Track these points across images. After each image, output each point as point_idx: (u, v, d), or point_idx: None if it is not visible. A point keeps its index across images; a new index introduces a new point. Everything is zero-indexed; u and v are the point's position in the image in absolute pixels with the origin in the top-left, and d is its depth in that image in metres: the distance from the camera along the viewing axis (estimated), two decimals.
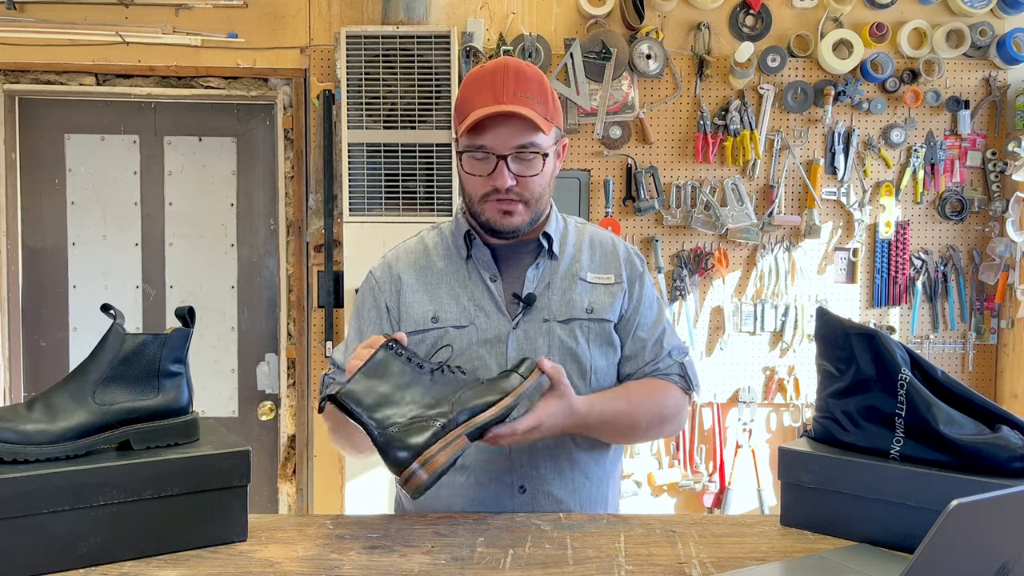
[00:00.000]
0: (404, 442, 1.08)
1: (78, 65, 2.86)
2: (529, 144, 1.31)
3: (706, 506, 2.95)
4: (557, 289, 1.40)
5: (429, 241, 1.48)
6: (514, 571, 1.02)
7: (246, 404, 3.08)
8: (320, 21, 2.85)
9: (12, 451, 1.00)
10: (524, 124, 1.30)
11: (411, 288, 1.41)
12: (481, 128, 1.30)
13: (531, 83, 1.32)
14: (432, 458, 1.07)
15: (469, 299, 1.39)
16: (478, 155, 1.32)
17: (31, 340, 3.03)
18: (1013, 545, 0.75)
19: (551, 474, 1.36)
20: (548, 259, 1.42)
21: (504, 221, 1.35)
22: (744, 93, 2.87)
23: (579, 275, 1.41)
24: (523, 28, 2.84)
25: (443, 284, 1.41)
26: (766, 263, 2.90)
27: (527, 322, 1.37)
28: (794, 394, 2.91)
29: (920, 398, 1.08)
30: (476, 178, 1.34)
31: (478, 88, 1.32)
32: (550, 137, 1.34)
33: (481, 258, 1.41)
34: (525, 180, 1.33)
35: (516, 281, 1.40)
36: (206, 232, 3.05)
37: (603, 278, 1.43)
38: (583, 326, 1.38)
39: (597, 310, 1.39)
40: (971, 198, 2.93)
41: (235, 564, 1.03)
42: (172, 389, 1.12)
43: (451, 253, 1.44)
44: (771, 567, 1.03)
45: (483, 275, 1.40)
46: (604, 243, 1.47)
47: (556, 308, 1.38)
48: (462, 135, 1.33)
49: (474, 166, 1.33)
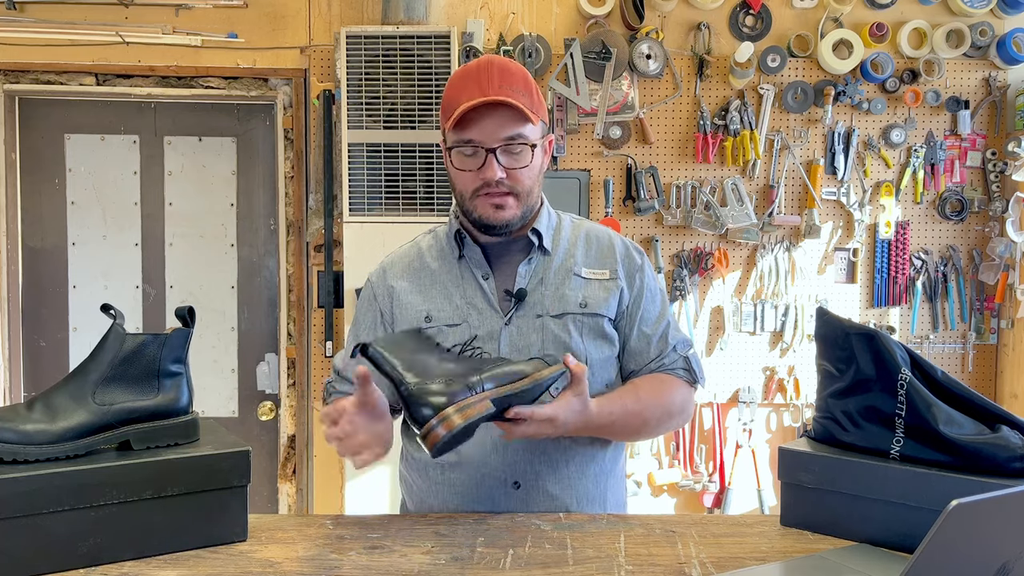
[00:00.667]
0: (427, 399, 1.09)
1: (78, 65, 2.86)
2: (517, 136, 1.32)
3: (706, 506, 2.95)
4: (551, 284, 1.40)
5: (423, 244, 1.49)
6: (514, 571, 1.02)
7: (246, 404, 3.08)
8: (320, 21, 2.85)
9: (12, 451, 1.00)
10: (511, 115, 1.31)
11: (405, 291, 1.43)
12: (468, 122, 1.31)
13: (515, 77, 1.33)
14: (450, 417, 1.07)
15: (462, 298, 1.40)
16: (467, 150, 1.33)
17: (31, 340, 3.03)
18: (1013, 545, 0.75)
19: (546, 470, 1.36)
20: (540, 255, 1.42)
21: (496, 215, 1.35)
22: (744, 93, 2.87)
23: (573, 270, 1.42)
24: (523, 28, 2.84)
25: (436, 284, 1.42)
26: (766, 263, 2.90)
27: (520, 318, 1.38)
28: (794, 394, 2.91)
29: (920, 398, 1.08)
30: (466, 173, 1.34)
31: (463, 85, 1.32)
32: (537, 129, 1.35)
33: (473, 257, 1.42)
34: (515, 172, 1.34)
35: (508, 278, 1.41)
36: (206, 232, 3.05)
37: (598, 273, 1.43)
38: (576, 320, 1.38)
39: (591, 305, 1.40)
40: (971, 198, 2.93)
41: (235, 564, 1.03)
42: (172, 389, 1.12)
43: (444, 254, 1.45)
44: (771, 567, 1.03)
45: (475, 273, 1.41)
46: (600, 238, 1.47)
47: (549, 303, 1.38)
48: (449, 131, 1.34)
49: (463, 161, 1.34)
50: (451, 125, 1.31)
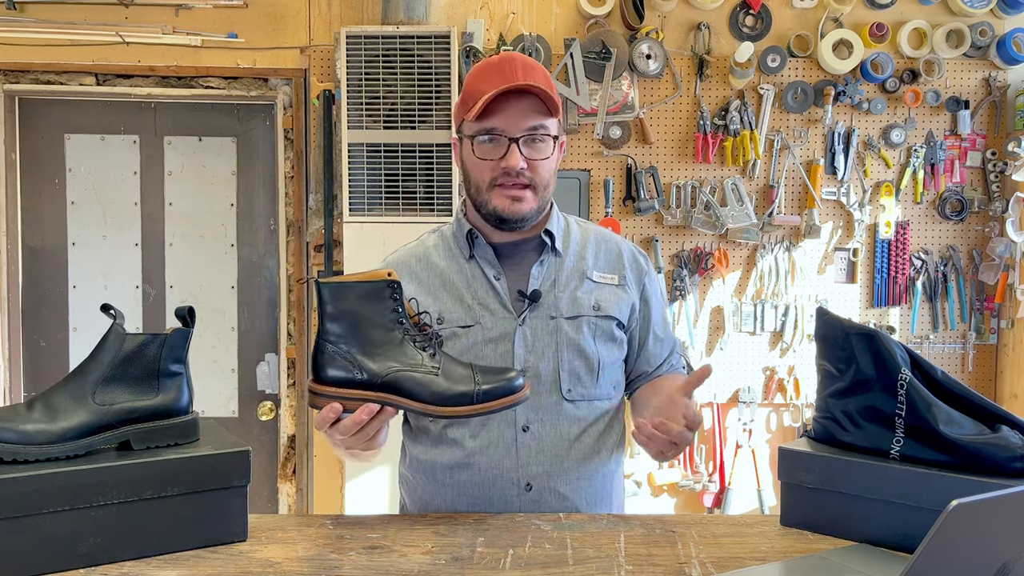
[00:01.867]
0: (325, 368, 1.16)
1: (78, 65, 2.86)
2: (540, 126, 1.33)
3: (706, 506, 2.95)
4: (564, 287, 1.40)
5: (429, 243, 1.48)
6: (514, 571, 1.02)
7: (246, 404, 3.08)
8: (320, 21, 2.85)
9: (12, 451, 1.00)
10: (534, 105, 1.32)
11: (414, 291, 1.41)
12: (491, 111, 1.31)
13: (537, 72, 1.34)
14: (324, 396, 1.15)
15: (473, 298, 1.39)
16: (489, 139, 1.32)
17: (31, 340, 3.03)
18: (1013, 545, 0.75)
19: (557, 471, 1.36)
20: (552, 256, 1.42)
21: (513, 208, 1.34)
22: (744, 93, 2.87)
23: (586, 273, 1.42)
24: (523, 28, 2.84)
25: (446, 285, 1.41)
26: (766, 263, 2.90)
27: (533, 319, 1.37)
28: (794, 394, 2.91)
29: (920, 398, 1.08)
30: (485, 163, 1.34)
31: (487, 75, 1.33)
32: (556, 124, 1.36)
33: (484, 256, 1.41)
34: (535, 164, 1.34)
35: (520, 279, 1.40)
36: (206, 232, 3.05)
37: (608, 278, 1.44)
38: (590, 322, 1.39)
39: (604, 308, 1.41)
40: (971, 198, 2.93)
41: (235, 564, 1.03)
42: (172, 389, 1.12)
43: (452, 254, 1.44)
44: (771, 567, 1.03)
45: (487, 273, 1.40)
46: (608, 243, 1.49)
47: (564, 305, 1.39)
48: (471, 121, 1.33)
49: (485, 150, 1.33)
50: (476, 113, 1.31)
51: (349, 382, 1.15)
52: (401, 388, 1.15)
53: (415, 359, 1.16)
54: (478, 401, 1.15)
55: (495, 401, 1.16)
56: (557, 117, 1.36)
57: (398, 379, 1.15)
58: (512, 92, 1.30)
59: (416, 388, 1.15)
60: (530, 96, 1.31)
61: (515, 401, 1.18)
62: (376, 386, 1.15)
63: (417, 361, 1.16)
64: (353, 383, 1.15)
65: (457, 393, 1.15)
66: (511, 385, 1.17)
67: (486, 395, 1.16)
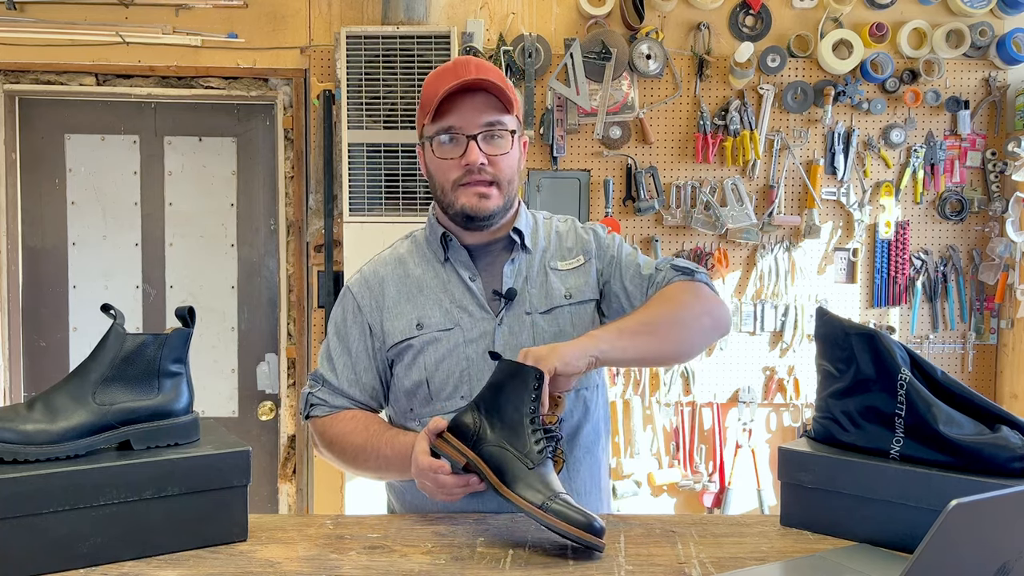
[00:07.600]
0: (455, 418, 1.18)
1: (78, 65, 2.86)
2: (496, 122, 1.35)
3: (706, 506, 2.95)
4: (535, 282, 1.42)
5: (403, 250, 1.49)
6: (514, 571, 1.02)
7: (246, 404, 3.08)
8: (320, 21, 2.85)
9: (12, 451, 1.00)
10: (489, 102, 1.34)
11: (392, 301, 1.42)
12: (447, 111, 1.33)
13: (491, 71, 1.36)
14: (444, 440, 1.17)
15: (451, 301, 1.40)
16: (448, 138, 1.34)
17: (31, 340, 3.03)
18: (1013, 545, 0.75)
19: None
20: (523, 253, 1.43)
21: (480, 205, 1.35)
22: (744, 93, 2.87)
23: (550, 265, 1.44)
24: (523, 28, 2.84)
25: (423, 290, 1.42)
26: (766, 263, 2.90)
27: (510, 317, 1.39)
28: (794, 394, 2.91)
29: (920, 398, 1.08)
30: (446, 163, 1.36)
31: (441, 77, 1.35)
32: (514, 121, 1.38)
33: (459, 259, 1.42)
34: (495, 159, 1.35)
35: (494, 278, 1.42)
36: (206, 232, 3.05)
37: (571, 263, 1.45)
38: (564, 312, 1.41)
39: (576, 294, 1.42)
40: (971, 198, 2.93)
41: (235, 564, 1.03)
42: (172, 389, 1.12)
43: (427, 259, 1.45)
44: (771, 567, 1.03)
45: (462, 275, 1.41)
46: (560, 230, 1.50)
47: (536, 300, 1.40)
48: (428, 123, 1.36)
49: (445, 150, 1.35)
50: (431, 114, 1.34)
51: (465, 436, 1.16)
52: (492, 459, 1.13)
53: (525, 447, 1.13)
54: (543, 510, 1.07)
55: (558, 520, 1.05)
56: (514, 113, 1.37)
57: (500, 455, 1.13)
58: (467, 91, 1.32)
59: (503, 464, 1.12)
60: (484, 93, 1.34)
61: (581, 538, 1.04)
62: (479, 450, 1.14)
63: (527, 450, 1.13)
64: (467, 439, 1.16)
65: (529, 488, 1.09)
66: (587, 522, 1.04)
67: (555, 513, 1.06)
